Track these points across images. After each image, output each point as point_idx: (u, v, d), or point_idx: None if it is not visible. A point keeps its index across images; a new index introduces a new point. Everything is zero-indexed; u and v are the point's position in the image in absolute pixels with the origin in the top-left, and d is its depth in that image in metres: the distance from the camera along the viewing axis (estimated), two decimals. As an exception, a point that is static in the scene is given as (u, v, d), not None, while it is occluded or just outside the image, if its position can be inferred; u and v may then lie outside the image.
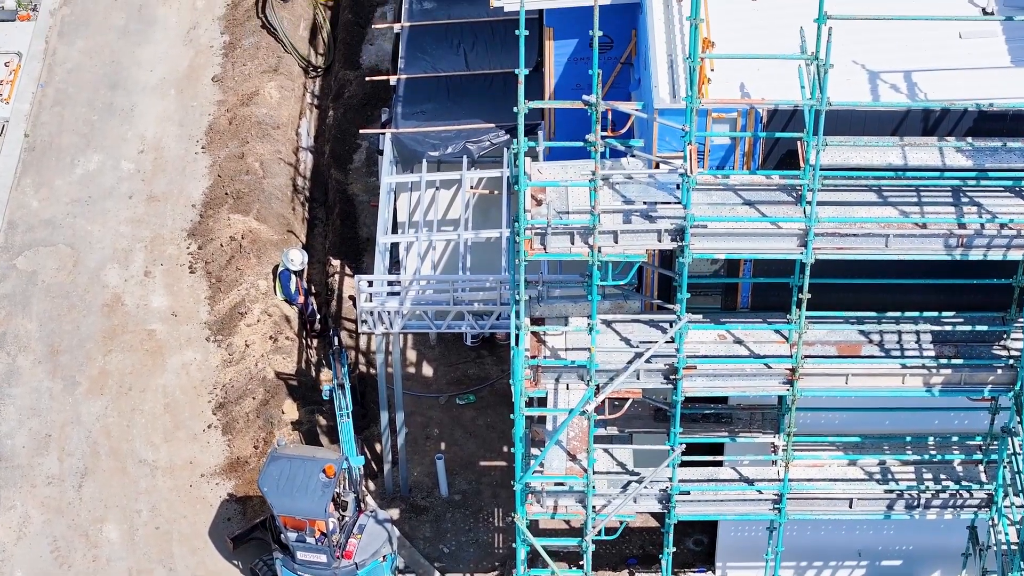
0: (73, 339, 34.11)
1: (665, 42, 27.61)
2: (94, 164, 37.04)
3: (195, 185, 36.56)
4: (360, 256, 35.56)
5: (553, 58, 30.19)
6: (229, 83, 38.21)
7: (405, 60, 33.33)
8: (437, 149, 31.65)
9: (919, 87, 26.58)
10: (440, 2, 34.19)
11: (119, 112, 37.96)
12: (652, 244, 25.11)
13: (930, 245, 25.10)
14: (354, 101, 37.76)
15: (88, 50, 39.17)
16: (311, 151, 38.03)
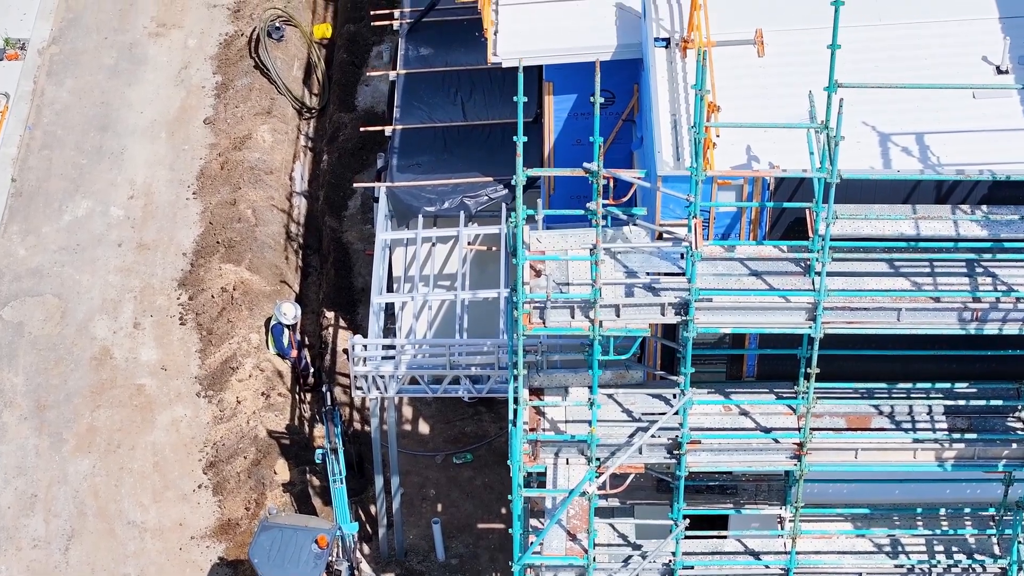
0: (60, 394, 33.24)
1: (668, 100, 26.71)
2: (83, 210, 36.16)
3: (186, 232, 35.69)
4: (355, 307, 34.69)
5: (553, 113, 29.31)
6: (221, 126, 37.33)
7: (400, 110, 32.45)
8: (433, 204, 30.79)
9: (931, 150, 25.70)
10: (437, 48, 33.29)
11: (109, 155, 37.08)
12: (655, 318, 24.26)
13: (943, 319, 24.25)
14: (349, 145, 36.88)
15: (77, 90, 38.28)
16: (305, 196, 37.16)
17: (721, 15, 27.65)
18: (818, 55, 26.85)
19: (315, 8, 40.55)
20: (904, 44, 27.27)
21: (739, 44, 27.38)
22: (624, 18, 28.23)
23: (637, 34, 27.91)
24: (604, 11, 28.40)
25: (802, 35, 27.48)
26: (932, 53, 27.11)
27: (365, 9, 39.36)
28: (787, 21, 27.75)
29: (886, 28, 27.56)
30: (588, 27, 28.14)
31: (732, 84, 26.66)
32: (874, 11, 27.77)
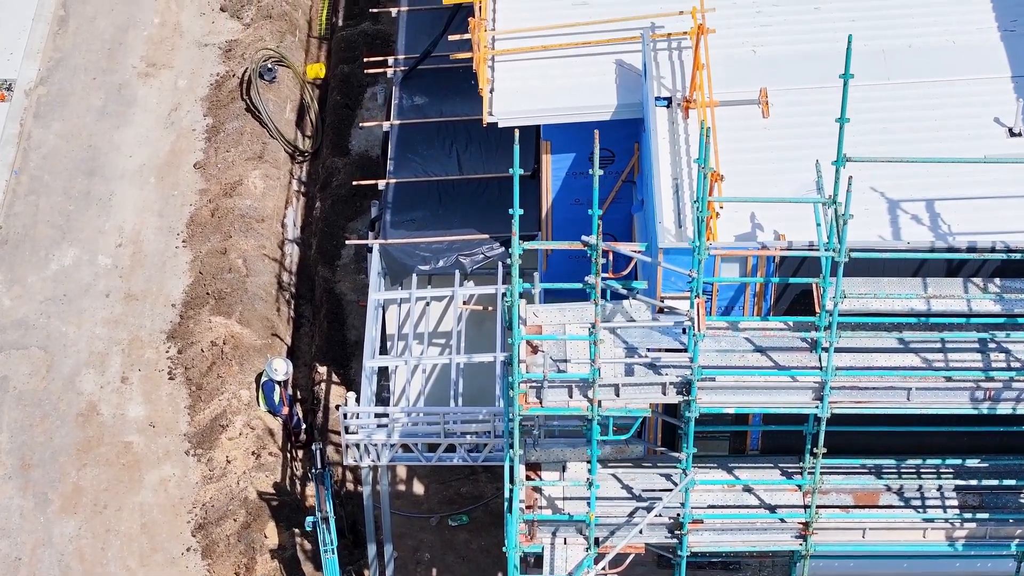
0: (46, 451, 32.36)
1: (670, 163, 25.88)
2: (70, 259, 35.28)
3: (175, 283, 34.81)
4: (348, 361, 33.82)
5: (551, 172, 28.44)
6: (212, 170, 36.44)
7: (394, 162, 31.55)
8: (428, 263, 29.90)
9: (942, 217, 24.85)
10: (432, 97, 32.37)
11: (97, 201, 36.19)
12: (656, 398, 23.41)
13: (955, 399, 23.40)
14: (342, 191, 35.98)
15: (65, 133, 37.39)
16: (297, 243, 36.29)
17: (725, 73, 26.83)
18: (825, 115, 26.05)
19: (308, 47, 39.66)
20: (913, 104, 26.46)
21: (743, 104, 26.57)
22: (624, 75, 27.36)
23: (637, 93, 27.04)
24: (603, 68, 27.53)
25: (809, 94, 26.68)
26: (942, 113, 26.30)
27: (359, 49, 38.50)
28: (793, 80, 26.92)
29: (894, 87, 26.74)
30: (587, 86, 27.27)
31: (736, 147, 25.84)
32: (882, 69, 26.94)
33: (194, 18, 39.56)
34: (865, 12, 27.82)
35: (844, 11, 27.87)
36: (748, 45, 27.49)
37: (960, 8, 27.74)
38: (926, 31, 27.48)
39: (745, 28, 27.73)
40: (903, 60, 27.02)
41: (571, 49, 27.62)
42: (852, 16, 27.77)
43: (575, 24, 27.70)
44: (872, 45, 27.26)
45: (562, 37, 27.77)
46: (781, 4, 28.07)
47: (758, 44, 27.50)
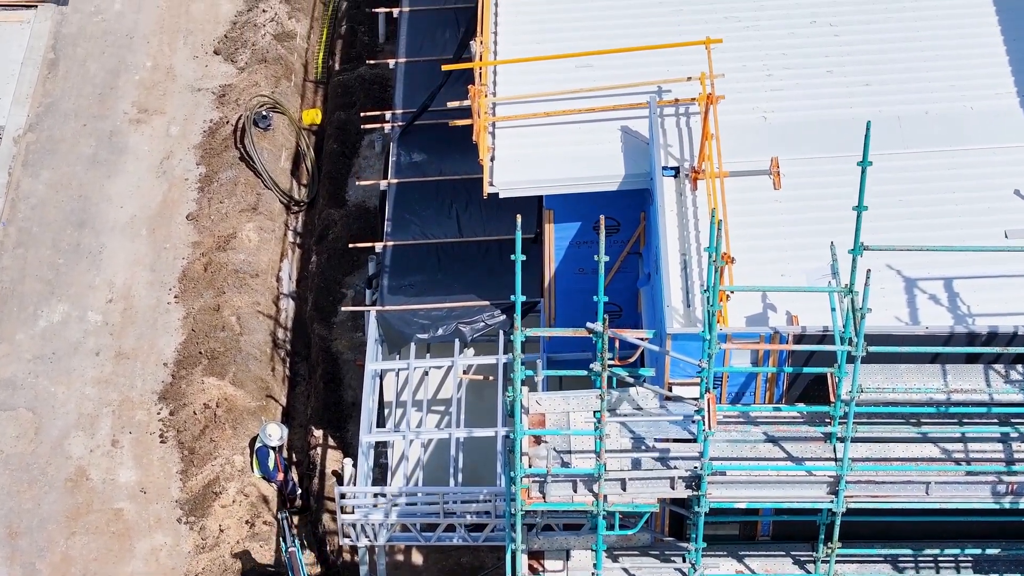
0: (34, 519, 31.39)
1: (678, 239, 24.92)
2: (59, 315, 34.29)
3: (167, 340, 33.83)
4: (344, 423, 32.83)
5: (553, 241, 27.44)
6: (205, 222, 35.45)
7: (392, 223, 30.58)
8: (427, 331, 28.94)
9: (961, 297, 23.88)
10: (430, 154, 31.41)
11: (87, 255, 35.20)
12: (665, 492, 22.45)
13: (976, 493, 22.46)
14: (339, 244, 34.98)
15: (54, 182, 36.40)
16: (292, 297, 35.29)
17: (734, 141, 25.87)
18: (840, 186, 25.23)
19: (304, 92, 38.66)
20: (930, 174, 25.52)
21: (754, 174, 25.61)
22: (630, 143, 26.38)
23: (644, 162, 26.05)
24: (608, 135, 26.53)
25: (822, 164, 25.73)
26: (961, 184, 25.35)
27: (356, 94, 37.51)
28: (805, 148, 25.97)
29: (910, 156, 25.78)
30: (591, 154, 26.28)
31: (746, 220, 24.87)
32: (897, 137, 25.99)
33: (187, 61, 38.57)
34: (880, 76, 26.89)
35: (858, 75, 26.94)
36: (759, 111, 26.55)
37: (978, 72, 26.81)
38: (943, 96, 26.55)
39: (755, 93, 26.79)
40: (919, 127, 26.08)
41: (575, 115, 26.63)
42: (866, 80, 26.84)
43: (578, 90, 26.70)
44: (887, 111, 26.32)
45: (565, 102, 26.78)
46: (793, 67, 27.13)
47: (769, 110, 26.55)
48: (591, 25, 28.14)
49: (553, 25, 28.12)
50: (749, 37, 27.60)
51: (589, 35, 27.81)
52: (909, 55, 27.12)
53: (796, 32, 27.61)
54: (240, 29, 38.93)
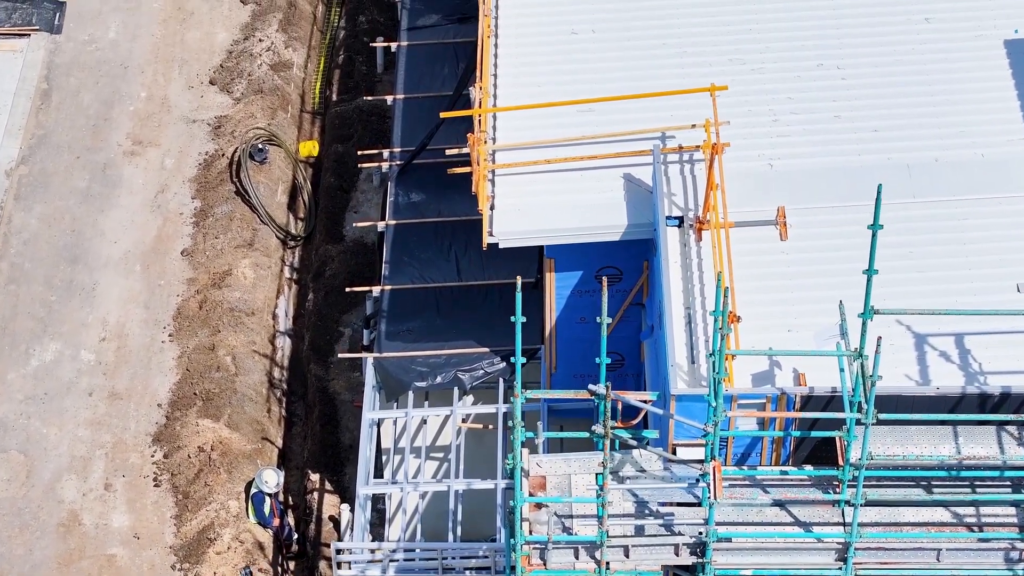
0: (25, 565, 30.77)
1: (682, 291, 24.34)
2: (51, 354, 33.68)
3: (161, 380, 33.21)
4: (342, 466, 32.22)
5: (554, 290, 26.83)
6: (200, 258, 34.83)
7: (389, 266, 29.98)
8: (425, 379, 28.33)
9: (973, 354, 23.30)
10: (429, 194, 30.80)
11: (80, 291, 34.59)
12: (669, 559, 21.88)
13: (988, 560, 21.95)
14: (336, 281, 34.37)
15: (47, 217, 35.78)
16: (289, 335, 34.68)
17: (740, 189, 25.30)
18: (848, 237, 24.69)
19: (301, 123, 38.02)
20: (940, 225, 24.92)
21: (760, 224, 25.04)
22: (632, 191, 25.78)
23: (647, 211, 25.46)
24: (611, 183, 25.94)
25: (830, 214, 25.13)
26: (972, 236, 24.75)
27: (354, 126, 36.89)
28: (812, 197, 25.39)
29: (920, 206, 25.19)
30: (593, 203, 25.68)
31: (752, 273, 24.31)
32: (907, 186, 25.42)
33: (182, 92, 37.95)
34: (888, 121, 26.30)
35: (866, 119, 26.36)
36: (765, 158, 25.96)
37: (990, 117, 26.20)
38: (954, 142, 25.95)
39: (761, 139, 26.20)
40: (929, 176, 25.49)
41: (576, 163, 26.03)
42: (875, 126, 26.25)
43: (580, 138, 26.09)
44: (896, 159, 25.73)
45: (566, 149, 26.18)
46: (799, 112, 26.54)
47: (775, 157, 25.97)
48: (593, 67, 27.55)
49: (553, 70, 27.52)
50: (755, 80, 27.01)
51: (591, 80, 27.23)
52: (919, 100, 26.54)
53: (803, 75, 27.03)
54: (236, 58, 38.32)
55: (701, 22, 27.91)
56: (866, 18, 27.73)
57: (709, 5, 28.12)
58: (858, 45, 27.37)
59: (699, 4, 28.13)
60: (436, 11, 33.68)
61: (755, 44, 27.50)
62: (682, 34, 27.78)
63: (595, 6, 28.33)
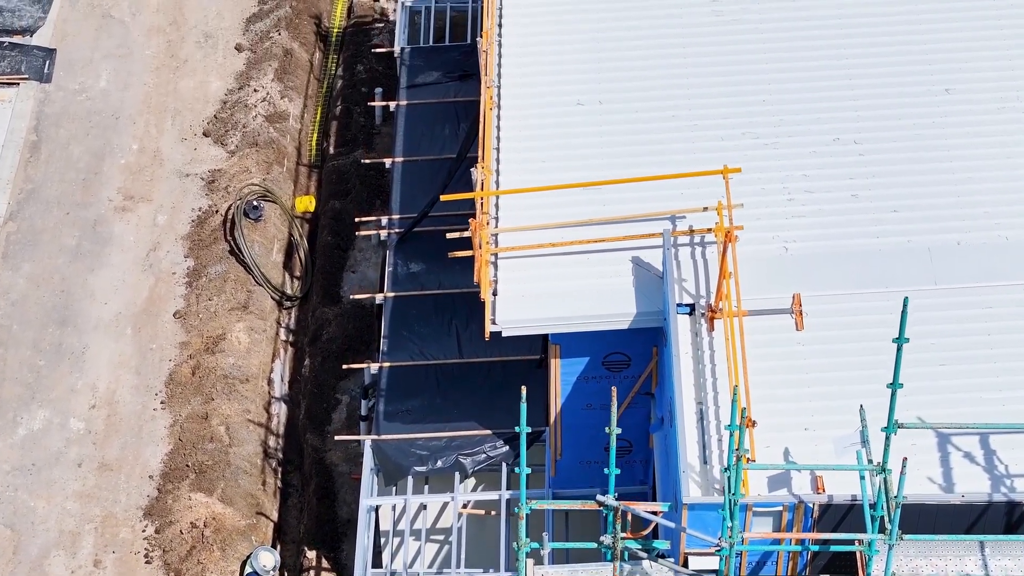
0: (11, 648, 29.81)
1: (693, 385, 23.26)
2: (39, 422, 32.60)
3: (153, 451, 32.13)
4: (339, 542, 31.12)
5: (560, 376, 25.72)
6: (193, 321, 33.73)
7: (388, 341, 28.91)
8: (425, 463, 27.26)
9: (999, 456, 22.21)
10: (429, 264, 29.72)
11: (69, 355, 33.50)
12: None
13: None
14: (333, 346, 33.28)
15: (35, 276, 34.69)
16: (285, 401, 33.58)
17: (753, 274, 24.20)
18: (867, 328, 23.62)
19: (297, 177, 36.89)
20: (963, 314, 23.79)
21: (775, 313, 23.94)
22: (641, 277, 24.66)
23: (657, 299, 24.34)
24: (618, 268, 24.81)
25: (848, 302, 24.01)
26: (997, 326, 23.62)
27: (352, 181, 35.80)
28: (829, 283, 24.25)
29: (942, 294, 24.07)
30: (600, 290, 24.55)
31: (767, 366, 23.20)
32: (927, 272, 24.29)
33: (175, 144, 36.85)
34: (908, 201, 25.19)
35: (884, 199, 25.25)
36: (779, 240, 24.86)
37: (1014, 197, 25.09)
38: (976, 224, 24.84)
39: (775, 220, 25.09)
40: (951, 260, 24.37)
41: (582, 246, 24.91)
42: (894, 206, 25.14)
43: (586, 221, 24.97)
44: (916, 242, 24.62)
45: (572, 231, 25.06)
46: (815, 191, 25.43)
47: (790, 239, 24.86)
48: (600, 140, 26.42)
49: (559, 144, 26.39)
50: (768, 156, 25.91)
51: (597, 155, 26.12)
52: (939, 177, 25.43)
53: (818, 151, 25.92)
54: (230, 109, 37.22)
55: (713, 92, 26.82)
56: (884, 88, 26.63)
57: (721, 75, 27.02)
58: (876, 118, 26.26)
59: (710, 74, 27.04)
60: (436, 68, 32.61)
61: (769, 116, 26.40)
62: (693, 104, 26.68)
63: (601, 75, 27.24)
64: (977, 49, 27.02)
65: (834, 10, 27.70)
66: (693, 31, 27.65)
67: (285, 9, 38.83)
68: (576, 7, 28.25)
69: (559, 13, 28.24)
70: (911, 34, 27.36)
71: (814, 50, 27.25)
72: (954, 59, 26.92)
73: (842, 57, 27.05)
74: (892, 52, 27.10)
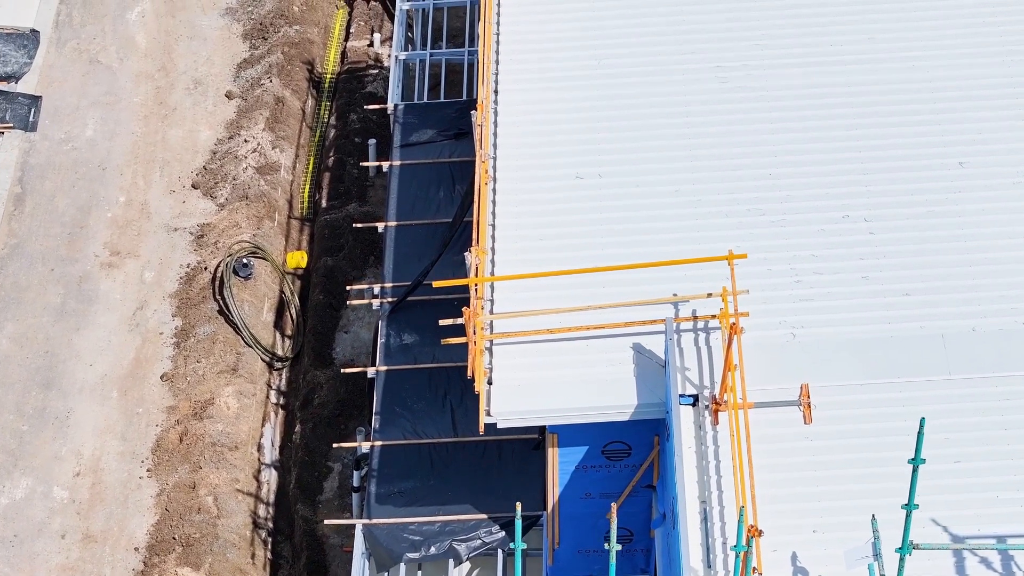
0: None
1: (696, 483, 22.30)
2: (22, 491, 31.58)
3: (138, 521, 31.11)
4: (331, 620, 30.23)
5: (558, 465, 24.72)
6: (180, 384, 32.71)
7: (380, 418, 27.85)
8: (418, 549, 26.21)
9: (1016, 562, 21.21)
10: (423, 335, 28.59)
11: (53, 420, 32.49)
12: None
13: None
14: (325, 411, 32.27)
15: (18, 337, 33.67)
16: (276, 467, 32.55)
17: (759, 363, 23.23)
18: (878, 422, 22.71)
19: (288, 232, 35.83)
20: (979, 406, 22.89)
21: (782, 405, 22.95)
22: (643, 365, 23.64)
23: (659, 389, 23.33)
24: (618, 355, 23.80)
25: (859, 393, 23.01)
26: (1016, 420, 22.65)
27: (344, 237, 34.76)
28: (839, 372, 23.26)
29: (956, 384, 23.09)
30: (600, 379, 23.54)
31: (774, 463, 22.33)
32: (941, 360, 23.32)
33: (163, 196, 35.82)
34: (920, 283, 24.19)
35: (895, 281, 24.25)
36: (786, 326, 23.86)
37: (1029, 279, 24.15)
38: (992, 308, 23.82)
39: (782, 303, 24.09)
40: (966, 348, 23.38)
41: (581, 332, 23.91)
42: (906, 289, 24.14)
43: (585, 307, 23.95)
44: (929, 328, 23.62)
45: (570, 316, 24.05)
46: (823, 272, 24.42)
47: (797, 325, 23.85)
48: (600, 216, 25.40)
49: (557, 221, 25.39)
50: (775, 234, 24.90)
51: (597, 233, 25.11)
52: (953, 258, 24.42)
53: (827, 228, 24.91)
54: (220, 160, 36.18)
55: (717, 165, 25.82)
56: (895, 161, 25.63)
57: (726, 146, 26.03)
58: (886, 193, 25.25)
59: (714, 145, 26.04)
60: (431, 126, 31.53)
61: (775, 192, 25.39)
62: (697, 179, 25.68)
63: (602, 146, 26.24)
64: (992, 120, 26.03)
65: (843, 78, 26.71)
66: (696, 99, 26.65)
67: (277, 55, 37.79)
68: (575, 74, 27.24)
69: (557, 80, 27.25)
70: (923, 103, 26.37)
71: (822, 119, 26.26)
72: (968, 130, 25.92)
73: (852, 128, 26.06)
74: (903, 123, 26.10)
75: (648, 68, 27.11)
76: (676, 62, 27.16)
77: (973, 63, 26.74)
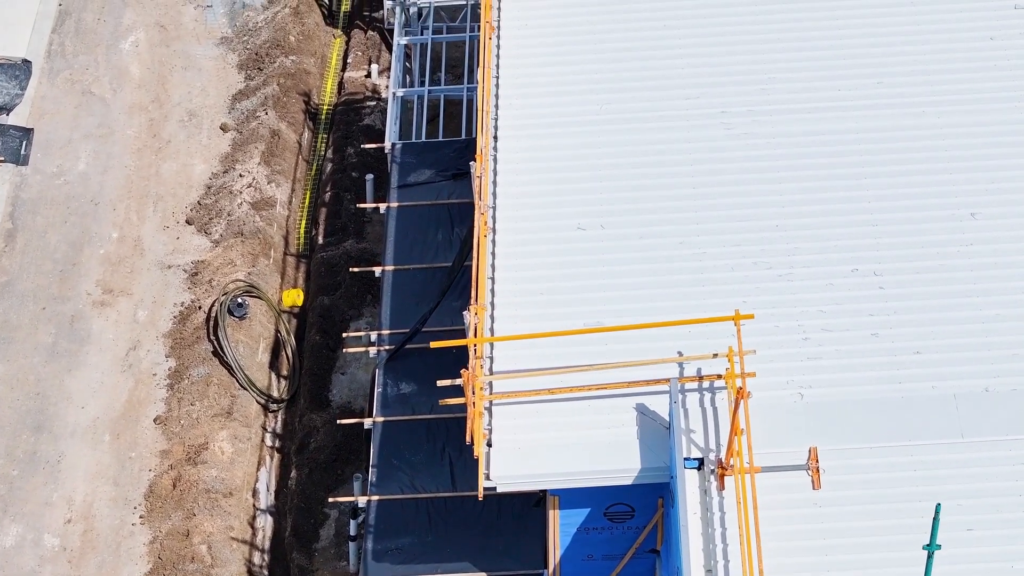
0: None
1: (702, 550, 21.66)
2: (12, 538, 30.93)
3: (131, 570, 30.45)
4: (327, 673, 29.60)
5: (559, 527, 24.07)
6: (174, 427, 32.06)
7: (377, 472, 27.21)
8: (416, 608, 25.62)
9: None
10: (421, 384, 27.91)
11: (44, 465, 31.83)
12: None
13: None
14: (321, 456, 31.61)
15: (9, 378, 33.01)
16: (271, 513, 31.89)
17: (766, 426, 22.60)
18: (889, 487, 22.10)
19: (284, 269, 35.16)
20: (994, 471, 22.36)
21: (789, 470, 22.31)
22: (646, 426, 23.01)
23: (663, 452, 22.71)
24: (621, 416, 23.19)
25: (869, 458, 22.36)
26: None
27: (342, 275, 34.09)
28: (849, 434, 22.63)
29: (969, 448, 22.47)
30: (602, 442, 22.94)
31: (781, 531, 21.71)
32: (954, 423, 22.76)
33: (156, 233, 35.13)
34: (932, 341, 23.57)
35: (906, 339, 23.61)
36: (794, 386, 23.22)
37: (1045, 338, 23.49)
38: (1006, 368, 23.19)
39: (790, 362, 23.45)
40: (979, 409, 22.76)
41: (583, 393, 23.27)
42: (917, 347, 23.49)
43: (587, 367, 23.31)
44: (940, 388, 22.99)
45: (572, 377, 23.41)
46: (832, 329, 23.79)
47: (805, 385, 23.21)
48: (602, 270, 24.75)
49: (558, 275, 24.76)
50: (782, 289, 24.25)
51: (599, 287, 24.47)
52: (965, 315, 23.79)
53: (835, 283, 24.26)
54: (215, 195, 35.51)
55: (722, 216, 25.18)
56: (905, 212, 25.00)
57: (731, 195, 25.40)
58: (896, 246, 24.60)
59: (719, 195, 25.42)
60: (429, 166, 30.88)
61: (783, 244, 24.75)
62: (702, 230, 25.04)
63: (604, 195, 25.60)
64: (1004, 168, 25.38)
65: (852, 124, 26.06)
66: (701, 147, 26.00)
67: (272, 86, 37.12)
68: (576, 120, 26.60)
69: (557, 126, 26.59)
70: (934, 150, 25.71)
71: (831, 168, 25.63)
72: (979, 179, 25.27)
73: (861, 177, 25.43)
74: (914, 171, 25.45)
75: (651, 114, 26.50)
76: (680, 107, 26.52)
77: (985, 109, 26.10)
